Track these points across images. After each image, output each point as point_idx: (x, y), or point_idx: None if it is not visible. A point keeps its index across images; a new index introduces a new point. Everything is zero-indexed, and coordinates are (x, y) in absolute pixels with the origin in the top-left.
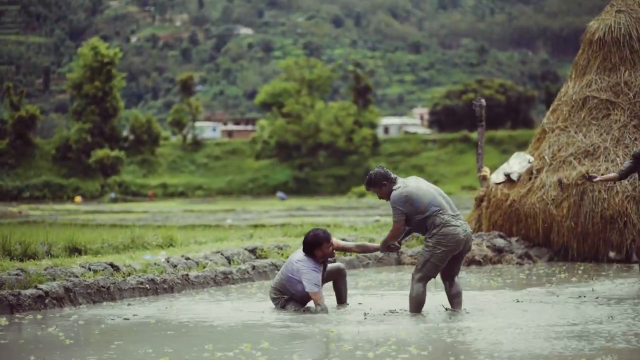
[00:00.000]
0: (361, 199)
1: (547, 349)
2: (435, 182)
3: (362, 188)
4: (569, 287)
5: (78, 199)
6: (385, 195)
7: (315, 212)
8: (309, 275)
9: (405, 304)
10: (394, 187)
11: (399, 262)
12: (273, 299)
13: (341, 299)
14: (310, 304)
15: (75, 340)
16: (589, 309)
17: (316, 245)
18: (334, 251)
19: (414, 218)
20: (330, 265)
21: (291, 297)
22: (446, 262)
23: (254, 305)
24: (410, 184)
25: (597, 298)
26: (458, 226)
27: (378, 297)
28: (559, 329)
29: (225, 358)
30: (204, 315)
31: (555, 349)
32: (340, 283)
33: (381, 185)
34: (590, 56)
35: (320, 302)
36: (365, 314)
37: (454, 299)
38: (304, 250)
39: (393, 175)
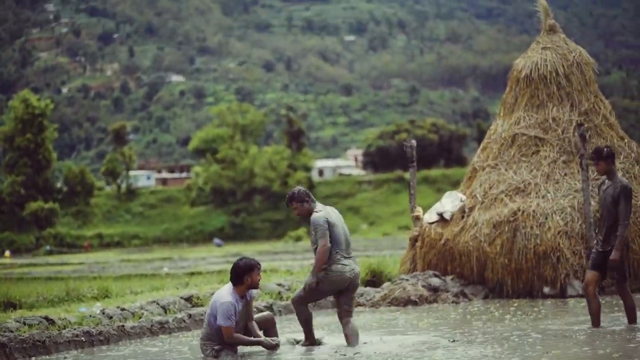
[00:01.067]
0: (298, 242)
1: None
2: (371, 224)
3: (299, 231)
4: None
5: (7, 254)
6: (305, 212)
7: (252, 257)
8: (222, 308)
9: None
10: (315, 209)
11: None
12: (203, 350)
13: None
14: (247, 348)
15: None
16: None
17: (247, 270)
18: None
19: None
20: (259, 315)
21: (222, 345)
22: (328, 295)
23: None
24: (330, 212)
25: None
26: (346, 265)
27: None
28: None
29: None
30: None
31: None
32: (272, 332)
33: (303, 202)
34: (518, 93)
35: (233, 337)
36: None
37: (349, 337)
38: (233, 279)
39: (312, 197)
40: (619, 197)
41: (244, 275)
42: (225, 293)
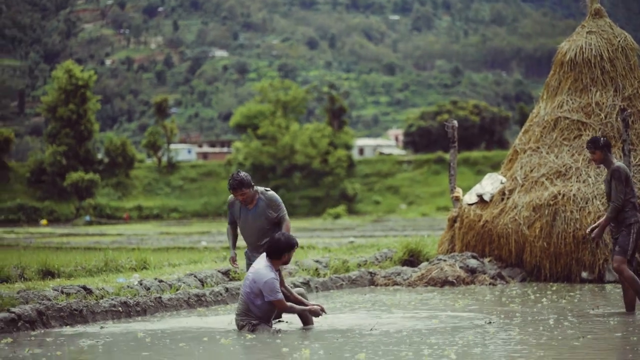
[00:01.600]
0: (336, 220)
1: None
2: (410, 204)
3: (338, 209)
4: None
5: (44, 222)
6: (250, 198)
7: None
8: (267, 285)
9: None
10: (260, 190)
11: (372, 283)
12: (240, 326)
13: (307, 322)
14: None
15: None
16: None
17: (288, 248)
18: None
19: None
20: (294, 290)
21: (259, 320)
22: None
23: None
24: None
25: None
26: None
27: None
28: None
29: None
30: (182, 333)
31: None
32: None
33: (250, 187)
34: (562, 77)
35: (287, 306)
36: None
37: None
38: (272, 253)
39: None
40: (611, 179)
41: (283, 252)
42: (264, 271)
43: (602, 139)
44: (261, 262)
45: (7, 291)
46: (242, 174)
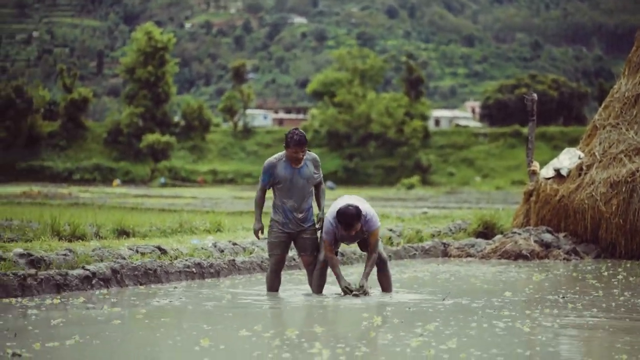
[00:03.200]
0: (410, 190)
1: None
2: (484, 176)
3: (412, 180)
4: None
5: (115, 182)
6: (304, 156)
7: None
8: (326, 223)
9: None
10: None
11: (445, 254)
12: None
13: (385, 288)
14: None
15: (121, 320)
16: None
17: (357, 219)
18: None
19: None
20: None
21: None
22: None
23: (303, 289)
24: None
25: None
26: None
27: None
28: None
29: (268, 340)
30: (257, 297)
31: None
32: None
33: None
34: None
35: (329, 253)
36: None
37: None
38: (345, 223)
39: None
40: None
41: (353, 222)
42: (330, 216)
43: None
44: (332, 210)
45: (82, 249)
46: (301, 130)
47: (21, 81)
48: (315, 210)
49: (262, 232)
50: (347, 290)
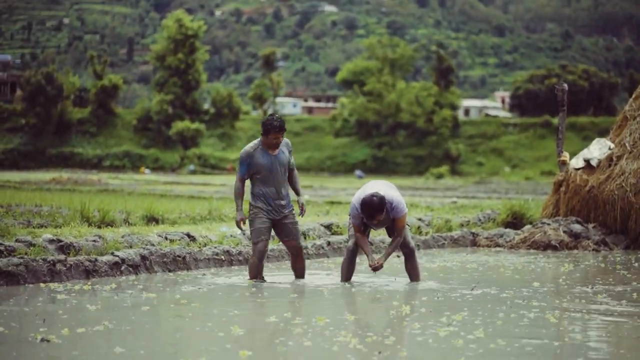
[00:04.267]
0: (439, 180)
1: None
2: (514, 167)
3: (441, 169)
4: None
5: (142, 169)
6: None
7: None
8: (351, 207)
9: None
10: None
11: (474, 244)
12: None
13: (413, 278)
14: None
15: (150, 306)
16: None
17: (379, 210)
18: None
19: None
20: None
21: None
22: None
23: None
24: None
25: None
26: None
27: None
28: None
29: (297, 327)
30: (286, 284)
31: None
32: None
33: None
34: None
35: (358, 235)
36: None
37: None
38: (366, 212)
39: None
40: None
41: (375, 214)
42: (357, 202)
43: None
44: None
45: (111, 235)
46: (278, 116)
47: (51, 68)
48: (293, 196)
49: (244, 223)
50: (376, 267)
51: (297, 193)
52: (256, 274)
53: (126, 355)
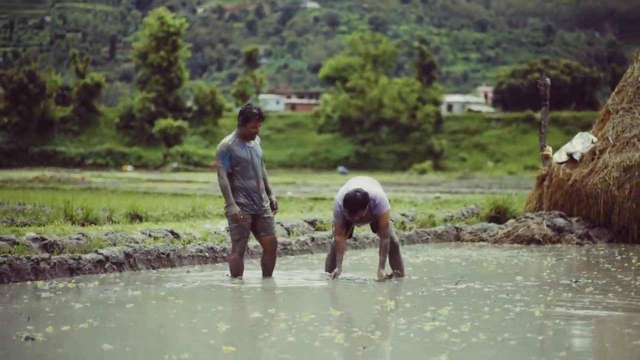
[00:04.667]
0: (422, 175)
1: None
2: (497, 161)
3: (424, 165)
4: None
5: (124, 167)
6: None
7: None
8: (334, 210)
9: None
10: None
11: (458, 238)
12: None
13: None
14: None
15: (134, 304)
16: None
17: (361, 206)
18: None
19: None
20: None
21: None
22: None
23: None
24: None
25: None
26: None
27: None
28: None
29: (280, 323)
30: (271, 280)
31: None
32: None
33: None
34: None
35: (335, 236)
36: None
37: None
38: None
39: None
40: None
41: (357, 210)
42: (339, 199)
43: None
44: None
45: (95, 233)
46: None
47: (34, 66)
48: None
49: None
50: (335, 277)
51: (268, 191)
52: (238, 271)
53: (112, 352)
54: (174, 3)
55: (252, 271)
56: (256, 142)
